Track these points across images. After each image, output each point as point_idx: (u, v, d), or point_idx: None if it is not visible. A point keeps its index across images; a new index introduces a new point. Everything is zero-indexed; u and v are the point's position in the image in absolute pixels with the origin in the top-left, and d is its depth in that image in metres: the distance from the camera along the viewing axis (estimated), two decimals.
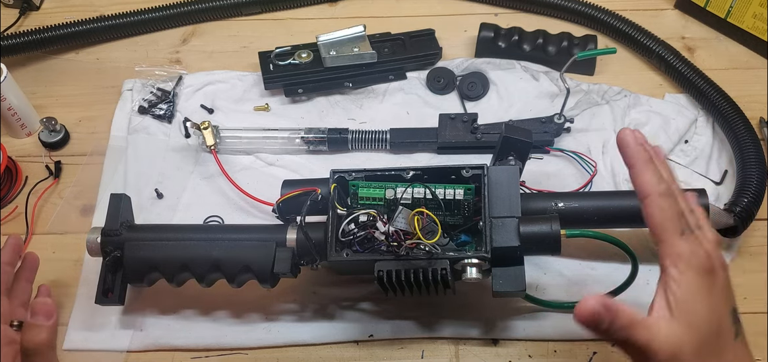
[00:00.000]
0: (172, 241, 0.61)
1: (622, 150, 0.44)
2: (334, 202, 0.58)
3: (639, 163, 0.43)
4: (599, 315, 0.38)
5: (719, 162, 0.74)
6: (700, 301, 0.40)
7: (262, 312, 0.66)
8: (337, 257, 0.57)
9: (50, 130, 0.78)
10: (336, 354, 0.63)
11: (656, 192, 0.42)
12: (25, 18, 0.93)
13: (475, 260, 0.54)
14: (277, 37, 0.87)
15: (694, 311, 0.40)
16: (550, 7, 0.89)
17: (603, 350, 0.62)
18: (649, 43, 0.83)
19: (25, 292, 0.60)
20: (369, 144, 0.76)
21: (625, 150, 0.44)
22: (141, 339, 0.64)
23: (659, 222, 0.41)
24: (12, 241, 0.61)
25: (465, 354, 0.63)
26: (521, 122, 0.76)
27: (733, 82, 0.78)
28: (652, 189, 0.42)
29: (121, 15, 0.88)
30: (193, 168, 0.76)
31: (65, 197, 0.75)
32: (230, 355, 0.64)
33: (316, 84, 0.81)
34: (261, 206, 0.70)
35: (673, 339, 0.39)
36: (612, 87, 0.80)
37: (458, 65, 0.84)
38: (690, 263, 0.40)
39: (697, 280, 0.40)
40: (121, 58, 0.88)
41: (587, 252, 0.67)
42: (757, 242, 0.69)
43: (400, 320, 0.64)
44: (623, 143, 0.44)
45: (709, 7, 0.87)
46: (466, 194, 0.57)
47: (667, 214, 0.41)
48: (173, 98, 0.82)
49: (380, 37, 0.84)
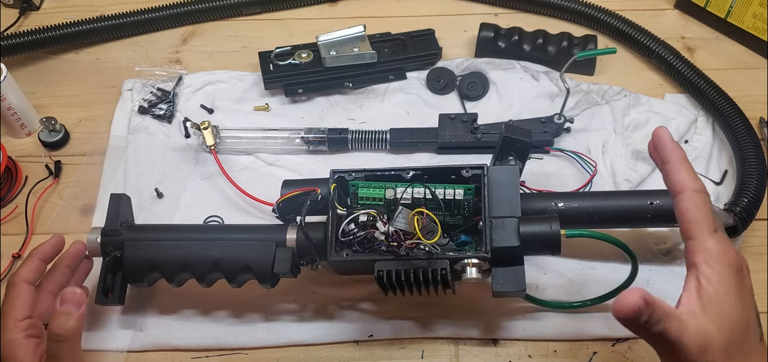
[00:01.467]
0: (172, 241, 0.61)
1: (657, 146, 0.45)
2: (334, 202, 0.58)
3: (675, 159, 0.44)
4: (641, 309, 0.38)
5: (719, 162, 0.74)
6: (731, 299, 0.40)
7: (262, 312, 0.66)
8: (337, 257, 0.57)
9: (50, 130, 0.78)
10: (336, 354, 0.63)
11: (692, 188, 0.42)
12: (25, 18, 0.93)
13: (475, 260, 0.54)
14: (277, 37, 0.87)
15: (724, 307, 0.40)
16: (550, 7, 0.89)
17: (603, 350, 0.62)
18: (649, 43, 0.83)
19: (58, 284, 0.59)
20: (369, 144, 0.76)
21: (661, 146, 0.45)
22: (141, 339, 0.64)
23: (694, 218, 0.42)
24: (54, 239, 0.60)
25: (465, 354, 0.63)
26: (521, 122, 0.76)
27: (733, 83, 0.78)
28: (688, 185, 0.43)
29: (121, 15, 0.89)
30: (193, 168, 0.76)
31: (65, 197, 0.75)
32: (230, 355, 0.64)
33: (316, 84, 0.81)
34: (261, 206, 0.70)
35: (703, 334, 0.39)
36: (612, 87, 0.80)
37: (458, 65, 0.84)
38: (721, 260, 0.40)
39: (728, 278, 0.40)
40: (121, 58, 0.88)
41: (587, 252, 0.67)
42: (757, 242, 0.69)
43: (400, 320, 0.64)
44: (660, 139, 0.45)
45: (709, 7, 0.87)
46: (466, 194, 0.57)
47: (702, 211, 0.42)
48: (173, 98, 0.82)
49: (380, 37, 0.84)
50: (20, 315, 0.54)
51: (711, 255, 0.41)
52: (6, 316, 0.54)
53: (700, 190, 0.43)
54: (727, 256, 0.41)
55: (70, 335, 0.51)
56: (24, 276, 0.57)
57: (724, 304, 0.40)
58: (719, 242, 0.41)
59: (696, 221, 0.42)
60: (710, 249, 0.41)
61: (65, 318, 0.51)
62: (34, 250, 0.59)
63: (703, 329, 0.39)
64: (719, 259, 0.40)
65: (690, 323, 0.39)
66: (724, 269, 0.40)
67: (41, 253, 0.59)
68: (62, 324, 0.51)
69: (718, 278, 0.40)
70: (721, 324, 0.40)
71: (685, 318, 0.40)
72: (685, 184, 0.43)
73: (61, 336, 0.51)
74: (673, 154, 0.44)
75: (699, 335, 0.39)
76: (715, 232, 0.41)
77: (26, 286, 0.56)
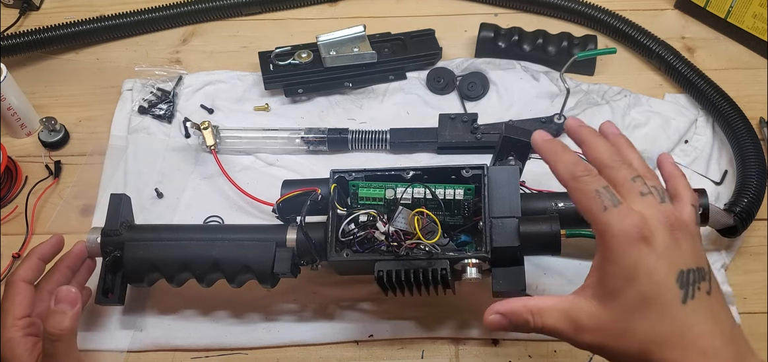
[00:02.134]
0: (172, 241, 0.61)
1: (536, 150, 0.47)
2: (334, 202, 0.58)
3: (549, 158, 0.45)
4: (500, 322, 0.45)
5: (719, 162, 0.74)
6: (624, 269, 0.40)
7: (262, 311, 0.66)
8: (337, 258, 0.57)
9: (50, 130, 0.78)
10: (336, 354, 0.63)
11: (571, 177, 0.43)
12: (25, 18, 0.93)
13: (475, 260, 0.54)
14: (277, 37, 0.87)
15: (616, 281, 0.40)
16: (550, 7, 0.89)
17: None
18: (649, 43, 0.83)
19: (58, 284, 0.59)
20: (369, 144, 0.76)
21: (536, 150, 0.47)
22: (141, 339, 0.64)
23: (583, 205, 0.42)
24: (54, 239, 0.61)
25: (465, 354, 0.63)
26: (521, 122, 0.76)
27: (733, 82, 0.78)
28: (568, 176, 0.43)
29: (121, 15, 0.89)
30: (193, 168, 0.76)
31: (65, 197, 0.75)
32: (230, 355, 0.64)
33: (316, 84, 0.81)
34: (261, 206, 0.70)
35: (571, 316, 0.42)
36: (612, 87, 0.80)
37: (458, 65, 0.84)
38: (614, 233, 0.40)
39: (622, 249, 0.40)
40: (121, 58, 0.88)
41: (587, 252, 0.67)
42: (757, 242, 0.69)
43: (400, 320, 0.64)
44: (533, 144, 0.47)
45: (709, 7, 0.87)
46: (466, 194, 0.57)
47: (585, 195, 0.42)
48: (173, 98, 0.82)
49: (380, 37, 0.84)
50: (19, 313, 0.54)
51: (604, 235, 0.40)
52: (5, 314, 0.54)
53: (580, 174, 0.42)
54: (622, 226, 0.40)
55: (64, 334, 0.51)
56: (22, 275, 0.57)
57: (612, 277, 0.40)
58: (611, 215, 0.40)
59: (585, 209, 0.42)
60: (602, 231, 0.41)
61: (60, 317, 0.51)
62: (33, 250, 0.59)
63: (577, 310, 0.42)
64: (612, 234, 0.40)
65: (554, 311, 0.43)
66: (616, 242, 0.40)
67: (40, 253, 0.59)
68: (57, 323, 0.51)
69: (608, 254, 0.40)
70: (607, 299, 0.41)
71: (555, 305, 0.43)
72: (563, 177, 0.44)
73: (56, 335, 0.51)
74: (548, 153, 0.46)
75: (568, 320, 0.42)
76: (606, 209, 0.40)
77: (24, 285, 0.56)
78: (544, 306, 0.44)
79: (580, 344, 0.42)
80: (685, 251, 0.40)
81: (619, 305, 0.40)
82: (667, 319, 0.39)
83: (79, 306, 0.52)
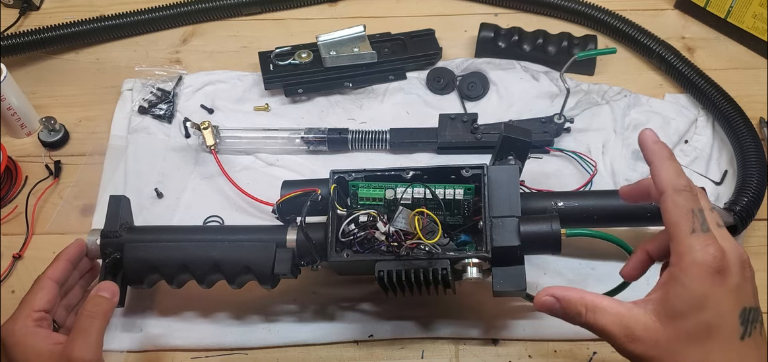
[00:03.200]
0: (172, 242, 0.61)
1: (641, 148, 0.46)
2: (334, 202, 0.58)
3: (657, 159, 0.44)
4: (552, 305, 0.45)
5: (719, 162, 0.74)
6: (694, 297, 0.40)
7: (262, 312, 0.65)
8: (337, 258, 0.57)
9: (50, 130, 0.78)
10: (336, 354, 0.63)
11: (672, 188, 0.42)
12: (25, 18, 0.93)
13: (476, 260, 0.54)
14: (277, 37, 0.87)
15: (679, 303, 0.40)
16: (550, 7, 0.89)
17: (603, 350, 0.62)
18: (649, 43, 0.83)
19: (76, 296, 0.62)
20: (369, 144, 0.76)
21: (644, 147, 0.45)
22: (141, 339, 0.64)
23: (673, 219, 0.42)
24: (76, 243, 0.61)
25: (465, 354, 0.63)
26: (521, 122, 0.76)
27: (733, 82, 0.78)
28: (669, 185, 0.43)
29: (121, 15, 0.89)
30: (193, 168, 0.76)
31: (65, 197, 0.75)
32: (230, 355, 0.64)
33: (316, 84, 0.81)
34: (261, 206, 0.70)
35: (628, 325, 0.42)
36: (612, 87, 0.80)
37: (458, 65, 0.84)
38: (694, 259, 0.40)
39: (697, 276, 0.40)
40: (120, 58, 0.88)
41: (587, 252, 0.67)
42: (757, 242, 0.69)
43: (400, 320, 0.64)
44: (643, 142, 0.46)
45: (709, 7, 0.87)
46: (466, 194, 0.57)
47: (680, 211, 0.42)
48: (173, 98, 0.82)
49: (380, 37, 0.84)
50: (37, 305, 0.55)
51: (682, 256, 0.41)
52: (23, 304, 0.55)
53: (682, 188, 0.42)
54: (703, 255, 0.40)
55: (102, 314, 0.54)
56: (50, 274, 0.58)
57: (680, 300, 0.40)
58: (697, 240, 0.41)
59: (673, 223, 0.42)
60: (682, 251, 0.41)
61: (101, 299, 0.55)
62: (61, 252, 0.60)
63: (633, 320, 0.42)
64: (693, 258, 0.40)
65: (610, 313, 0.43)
66: (695, 269, 0.40)
67: (68, 255, 0.60)
68: (98, 303, 0.55)
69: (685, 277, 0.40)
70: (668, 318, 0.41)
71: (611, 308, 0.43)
72: (664, 185, 0.43)
73: (95, 313, 0.54)
74: (654, 155, 0.44)
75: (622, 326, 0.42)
76: (693, 232, 0.41)
77: (51, 282, 0.57)
78: (600, 305, 0.43)
79: (628, 352, 0.42)
80: (750, 290, 0.42)
81: (679, 327, 0.41)
82: (724, 351, 0.40)
83: (117, 299, 0.56)
